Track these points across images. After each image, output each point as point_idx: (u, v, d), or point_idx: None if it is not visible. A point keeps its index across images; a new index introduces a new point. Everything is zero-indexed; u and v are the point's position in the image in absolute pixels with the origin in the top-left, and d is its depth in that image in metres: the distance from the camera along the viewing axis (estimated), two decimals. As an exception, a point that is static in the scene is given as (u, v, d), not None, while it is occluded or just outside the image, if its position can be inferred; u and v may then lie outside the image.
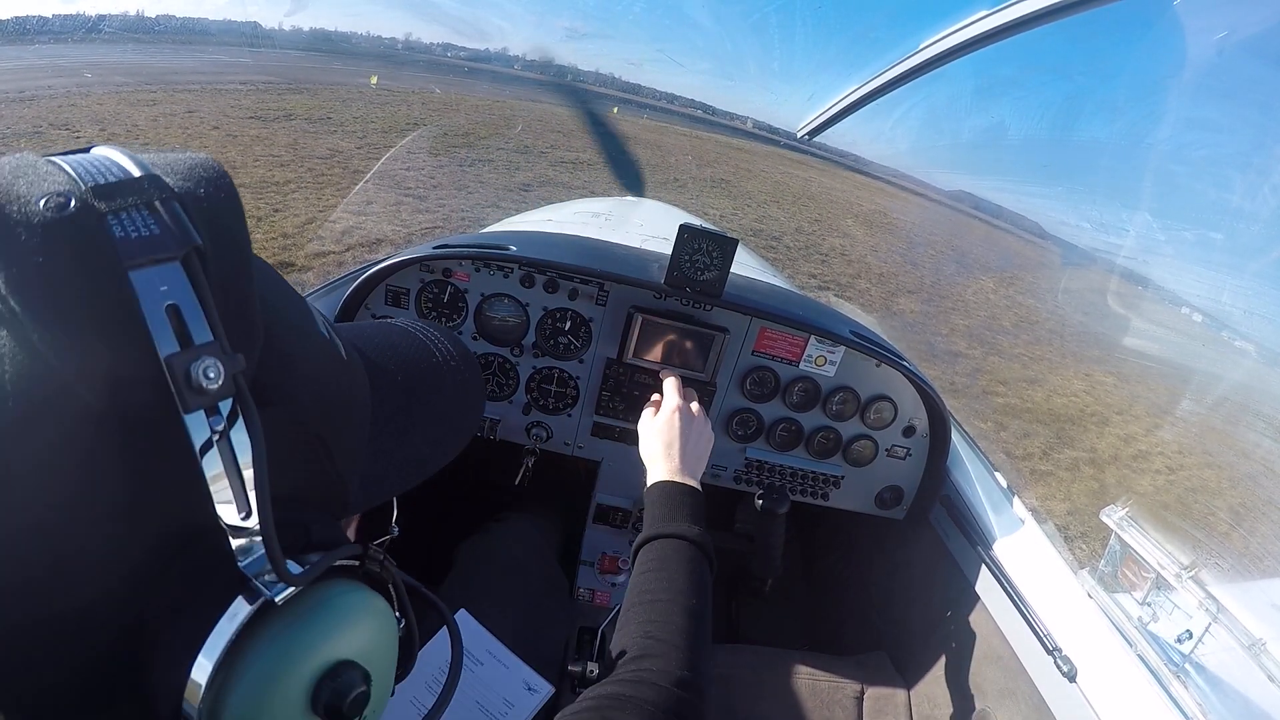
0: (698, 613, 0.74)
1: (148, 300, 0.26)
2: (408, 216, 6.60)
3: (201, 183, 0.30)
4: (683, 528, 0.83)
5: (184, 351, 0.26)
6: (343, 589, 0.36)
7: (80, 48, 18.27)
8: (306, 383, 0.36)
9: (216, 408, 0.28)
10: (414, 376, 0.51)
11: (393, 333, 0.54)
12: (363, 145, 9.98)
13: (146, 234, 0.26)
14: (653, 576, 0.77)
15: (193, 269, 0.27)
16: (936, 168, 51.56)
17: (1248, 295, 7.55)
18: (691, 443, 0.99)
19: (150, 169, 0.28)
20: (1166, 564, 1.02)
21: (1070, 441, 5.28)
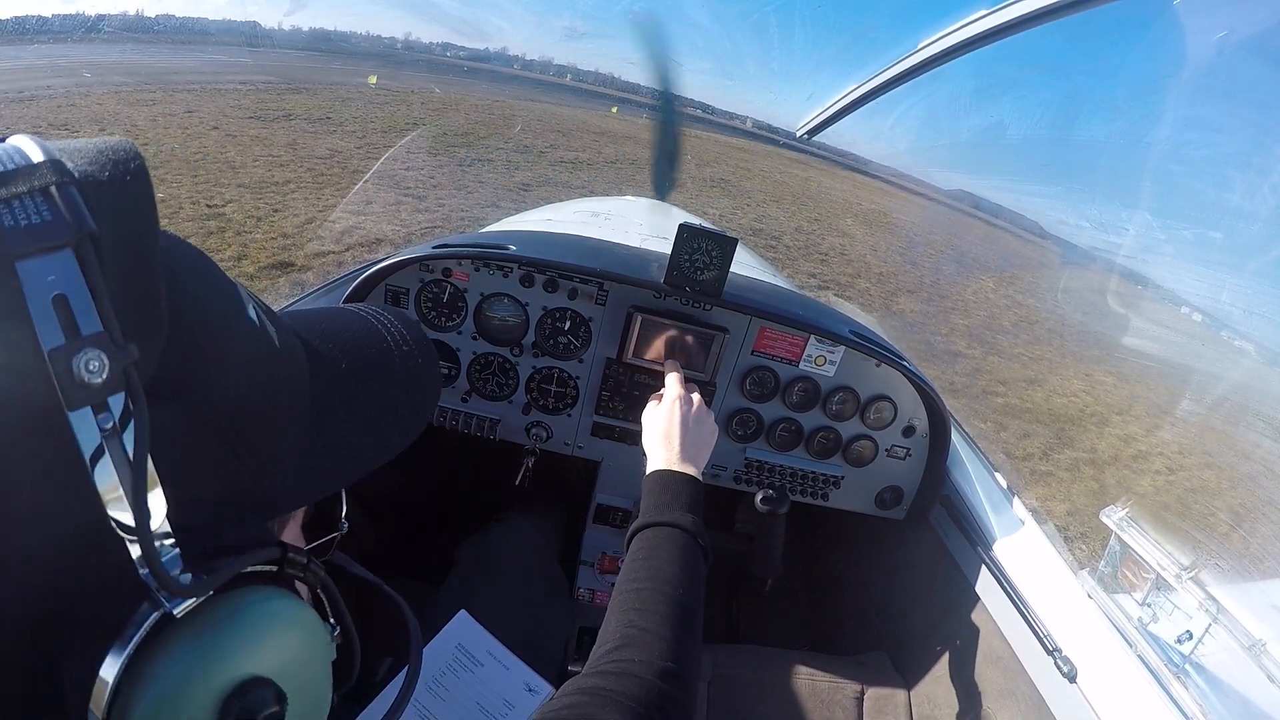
0: (685, 602, 0.71)
1: (33, 291, 0.24)
2: (407, 216, 6.60)
3: (106, 166, 0.29)
4: (676, 516, 0.81)
5: (68, 343, 0.25)
6: (257, 598, 0.33)
7: (79, 47, 18.26)
8: (223, 374, 0.34)
9: (106, 404, 0.26)
10: (359, 363, 0.48)
11: (343, 317, 0.52)
12: (362, 145, 9.98)
13: (37, 221, 0.25)
14: (641, 565, 0.76)
15: (85, 257, 0.25)
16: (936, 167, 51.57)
17: (1248, 295, 7.55)
18: (691, 432, 0.97)
19: (53, 154, 0.27)
20: (1166, 565, 1.02)
21: (1070, 442, 5.28)
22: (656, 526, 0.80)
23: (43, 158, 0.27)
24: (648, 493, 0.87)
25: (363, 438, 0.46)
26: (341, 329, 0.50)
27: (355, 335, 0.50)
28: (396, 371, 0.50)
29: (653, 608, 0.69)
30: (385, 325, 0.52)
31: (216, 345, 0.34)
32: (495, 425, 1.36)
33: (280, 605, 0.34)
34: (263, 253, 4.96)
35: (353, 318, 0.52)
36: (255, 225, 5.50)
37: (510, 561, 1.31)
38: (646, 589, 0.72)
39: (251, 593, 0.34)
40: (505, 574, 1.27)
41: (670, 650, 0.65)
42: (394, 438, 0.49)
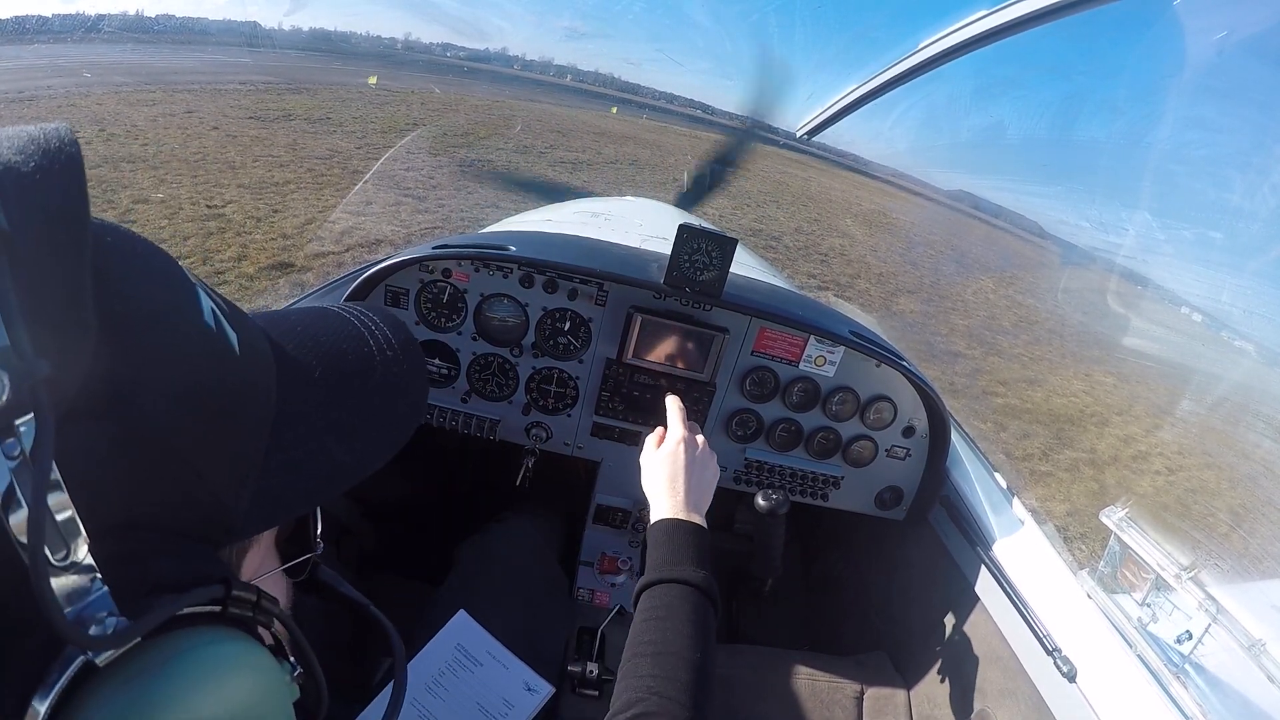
0: (701, 665, 0.71)
1: None
2: (407, 217, 6.60)
3: (32, 155, 0.26)
4: (687, 572, 0.79)
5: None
6: (196, 642, 0.30)
7: (80, 47, 18.26)
8: (163, 385, 0.31)
9: (13, 427, 0.23)
10: (336, 371, 0.44)
11: (323, 319, 0.48)
12: (362, 145, 9.99)
13: None
14: (655, 625, 0.74)
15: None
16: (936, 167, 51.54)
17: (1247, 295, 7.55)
18: (695, 477, 0.95)
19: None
20: (1166, 565, 1.02)
21: (1070, 442, 5.28)
22: (668, 584, 0.78)
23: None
24: (655, 544, 0.85)
25: (337, 451, 0.42)
26: (320, 332, 0.46)
27: (334, 339, 0.46)
28: (378, 378, 0.46)
29: (671, 674, 0.69)
30: (369, 328, 0.48)
31: (157, 352, 0.31)
32: (495, 426, 1.36)
33: (223, 650, 0.31)
34: (262, 253, 4.96)
35: (334, 320, 0.48)
36: (255, 226, 5.50)
37: (510, 561, 1.31)
38: (664, 653, 0.71)
39: (189, 636, 0.30)
40: (505, 574, 1.27)
41: (688, 716, 0.65)
42: (373, 451, 0.45)
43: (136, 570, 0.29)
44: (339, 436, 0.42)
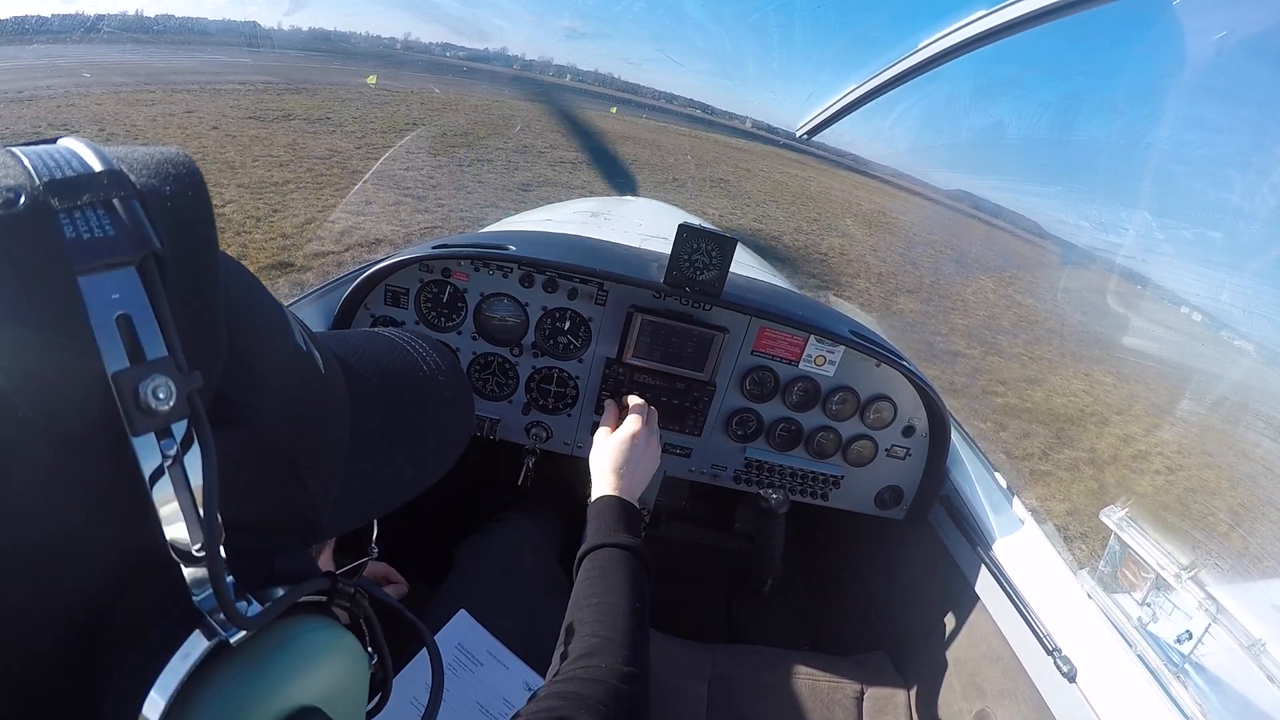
0: (637, 611, 0.80)
1: (97, 309, 0.23)
2: (407, 216, 6.60)
3: (167, 179, 0.28)
4: (624, 538, 0.89)
5: (133, 368, 0.24)
6: (307, 628, 0.33)
7: (79, 48, 18.26)
8: (276, 399, 0.34)
9: (169, 430, 0.25)
10: (398, 391, 0.48)
11: (378, 342, 0.51)
12: (361, 145, 9.98)
13: (100, 235, 0.24)
14: (598, 581, 0.84)
15: (149, 276, 0.25)
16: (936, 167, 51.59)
17: (1247, 294, 7.55)
18: (640, 468, 1.06)
19: (113, 163, 0.26)
20: (1166, 564, 1.02)
21: (1070, 441, 5.28)
22: (608, 548, 0.88)
23: (101, 166, 0.26)
24: (595, 516, 0.95)
25: (401, 465, 0.45)
26: (379, 354, 0.49)
27: (392, 362, 0.49)
28: (432, 399, 0.50)
29: (612, 619, 0.78)
30: (421, 353, 0.52)
31: (269, 369, 0.34)
32: (495, 425, 1.36)
33: (328, 635, 0.34)
34: (262, 253, 4.96)
35: (388, 344, 0.51)
36: (255, 225, 5.50)
37: (510, 561, 1.31)
38: (605, 603, 0.80)
39: (300, 623, 0.33)
40: (505, 574, 1.27)
41: (631, 655, 0.74)
42: (430, 466, 0.48)
43: (255, 563, 0.32)
44: (403, 450, 0.46)
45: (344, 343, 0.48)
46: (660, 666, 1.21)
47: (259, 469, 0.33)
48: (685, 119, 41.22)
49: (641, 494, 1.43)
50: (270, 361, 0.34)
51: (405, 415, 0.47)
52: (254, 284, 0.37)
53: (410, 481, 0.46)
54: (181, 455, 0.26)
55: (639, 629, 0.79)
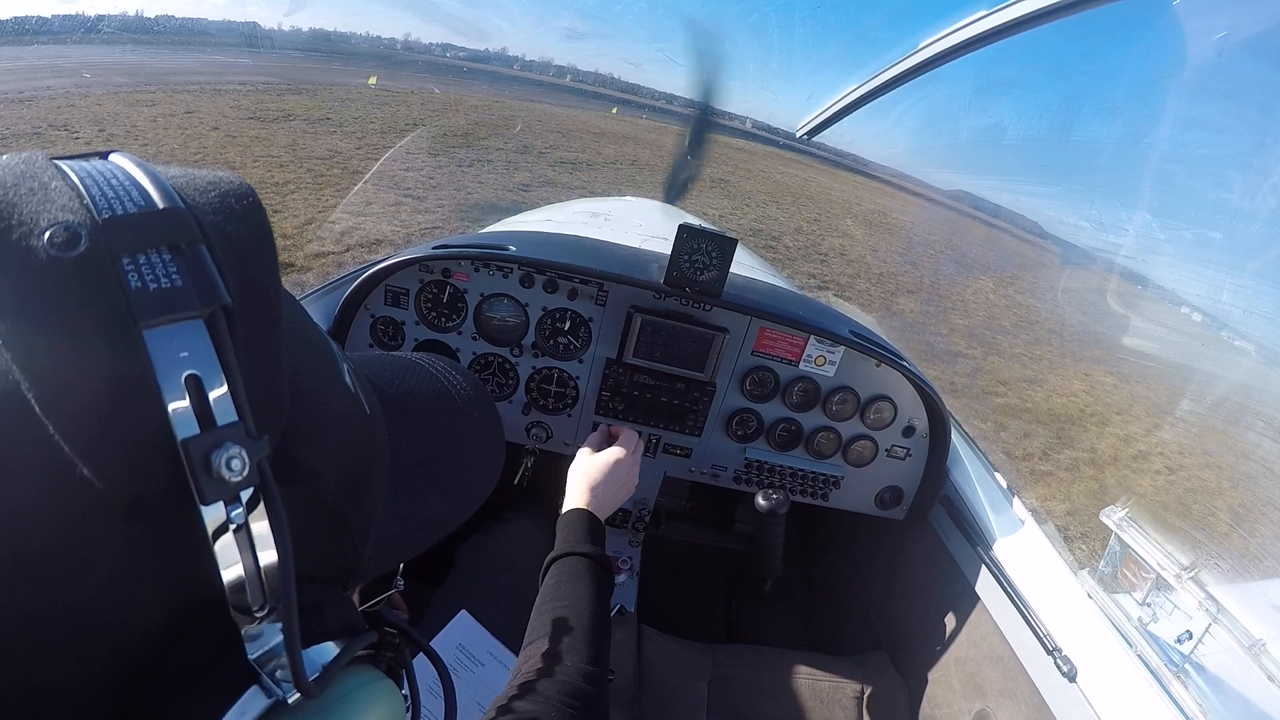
0: (600, 615, 0.84)
1: (164, 368, 0.22)
2: (407, 217, 6.60)
3: (232, 218, 0.26)
4: (589, 549, 0.92)
5: (204, 435, 0.22)
6: (357, 682, 0.32)
7: (79, 48, 18.27)
8: (331, 453, 0.32)
9: (238, 496, 0.24)
10: (434, 428, 0.46)
11: (414, 373, 0.49)
12: (362, 146, 9.98)
13: (168, 285, 0.22)
14: (566, 585, 0.87)
15: (218, 331, 0.23)
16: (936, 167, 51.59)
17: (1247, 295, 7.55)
18: (614, 491, 1.08)
19: (176, 199, 0.24)
20: (1166, 564, 1.02)
21: (1070, 442, 5.28)
22: (574, 556, 0.91)
23: (164, 203, 0.24)
24: (564, 526, 0.98)
25: (436, 506, 0.44)
26: (415, 387, 0.47)
27: (428, 394, 0.48)
28: (465, 436, 0.48)
29: (575, 622, 0.81)
30: (454, 385, 0.50)
31: (325, 422, 0.32)
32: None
33: (377, 689, 0.33)
34: (262, 253, 4.96)
35: (424, 375, 0.49)
36: (255, 226, 5.49)
37: (510, 562, 1.31)
38: (569, 607, 0.83)
39: (350, 677, 0.32)
40: (505, 574, 1.27)
41: (593, 656, 0.77)
42: (463, 505, 0.47)
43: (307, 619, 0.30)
44: (438, 489, 0.44)
45: (380, 370, 0.47)
46: (660, 666, 1.21)
47: (310, 522, 0.31)
48: (686, 119, 41.18)
49: (641, 494, 1.44)
50: (326, 412, 0.33)
51: (441, 454, 0.46)
52: (306, 321, 0.35)
53: (444, 522, 0.45)
54: (248, 520, 0.25)
55: (601, 632, 0.82)
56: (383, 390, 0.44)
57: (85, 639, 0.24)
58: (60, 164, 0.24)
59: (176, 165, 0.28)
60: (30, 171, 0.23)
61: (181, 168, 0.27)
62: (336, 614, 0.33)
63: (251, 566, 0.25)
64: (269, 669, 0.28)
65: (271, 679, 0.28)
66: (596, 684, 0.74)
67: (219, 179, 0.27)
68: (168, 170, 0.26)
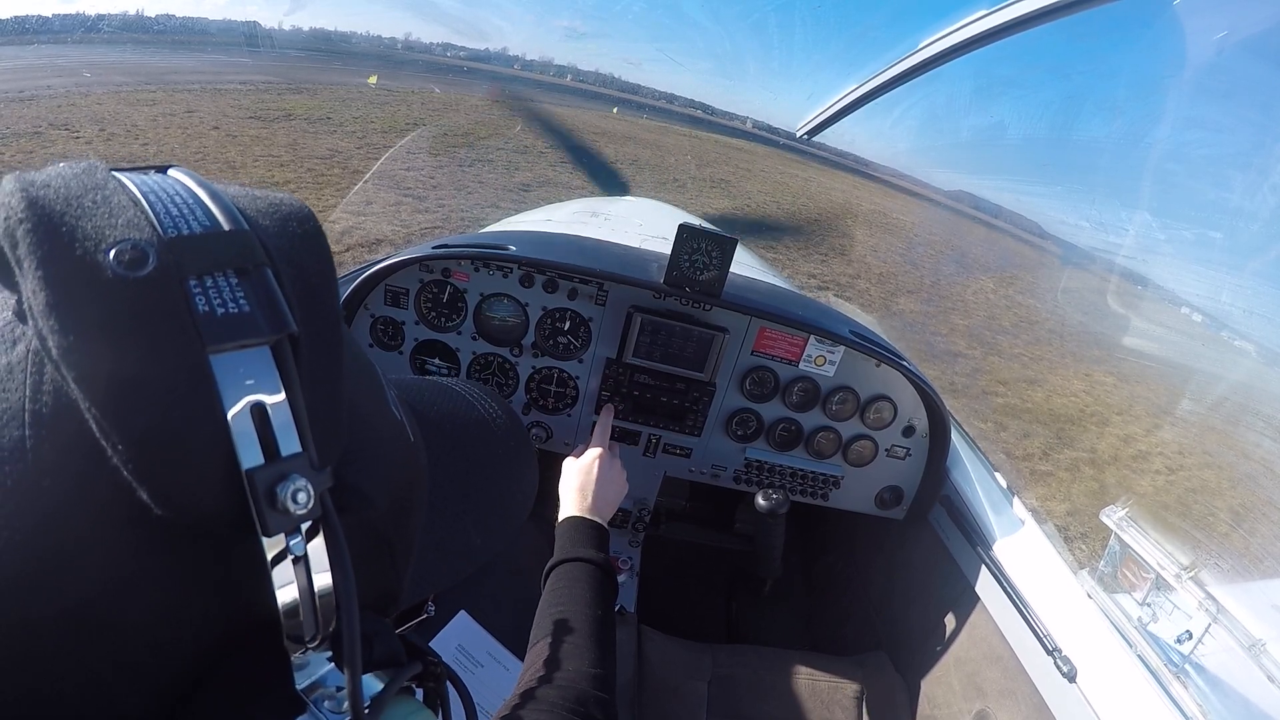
0: (603, 620, 0.83)
1: (230, 395, 0.21)
2: (407, 217, 6.60)
3: (295, 242, 0.25)
4: (589, 554, 0.92)
5: (269, 466, 0.22)
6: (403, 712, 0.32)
7: (80, 47, 18.27)
8: (382, 481, 0.32)
9: (299, 527, 0.24)
10: (470, 455, 0.46)
11: (451, 398, 0.49)
12: (362, 145, 9.98)
13: (235, 311, 0.22)
14: (564, 592, 0.86)
15: (284, 359, 0.23)
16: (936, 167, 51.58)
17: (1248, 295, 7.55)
18: (606, 489, 1.07)
19: (241, 221, 0.24)
20: (1166, 564, 1.02)
21: (1070, 442, 5.27)
22: (574, 562, 0.91)
23: (229, 225, 0.23)
24: (562, 534, 0.98)
25: (470, 535, 0.43)
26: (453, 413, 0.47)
27: (465, 420, 0.47)
28: (501, 464, 0.48)
29: (578, 627, 0.80)
30: (490, 413, 0.50)
31: (377, 450, 0.32)
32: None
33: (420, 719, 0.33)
34: (263, 253, 4.96)
35: (461, 402, 0.49)
36: (255, 225, 5.49)
37: (510, 563, 1.31)
38: (571, 612, 0.82)
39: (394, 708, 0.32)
40: (505, 575, 1.27)
41: (597, 659, 0.77)
42: (498, 534, 0.46)
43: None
44: (474, 519, 0.44)
45: (419, 396, 0.46)
46: (660, 666, 1.21)
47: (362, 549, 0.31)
48: (686, 119, 41.24)
49: (641, 494, 1.44)
50: (377, 439, 0.32)
51: (476, 483, 0.45)
52: (356, 347, 0.34)
53: (479, 551, 0.44)
54: (306, 550, 0.25)
55: (605, 634, 0.81)
56: (422, 415, 0.43)
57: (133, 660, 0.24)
58: (120, 177, 0.24)
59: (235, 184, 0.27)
60: (93, 183, 0.22)
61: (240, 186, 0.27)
62: (383, 644, 0.32)
63: (308, 595, 0.25)
64: (314, 698, 0.27)
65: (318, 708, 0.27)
66: (602, 686, 0.73)
67: (280, 201, 0.27)
68: (227, 189, 0.26)
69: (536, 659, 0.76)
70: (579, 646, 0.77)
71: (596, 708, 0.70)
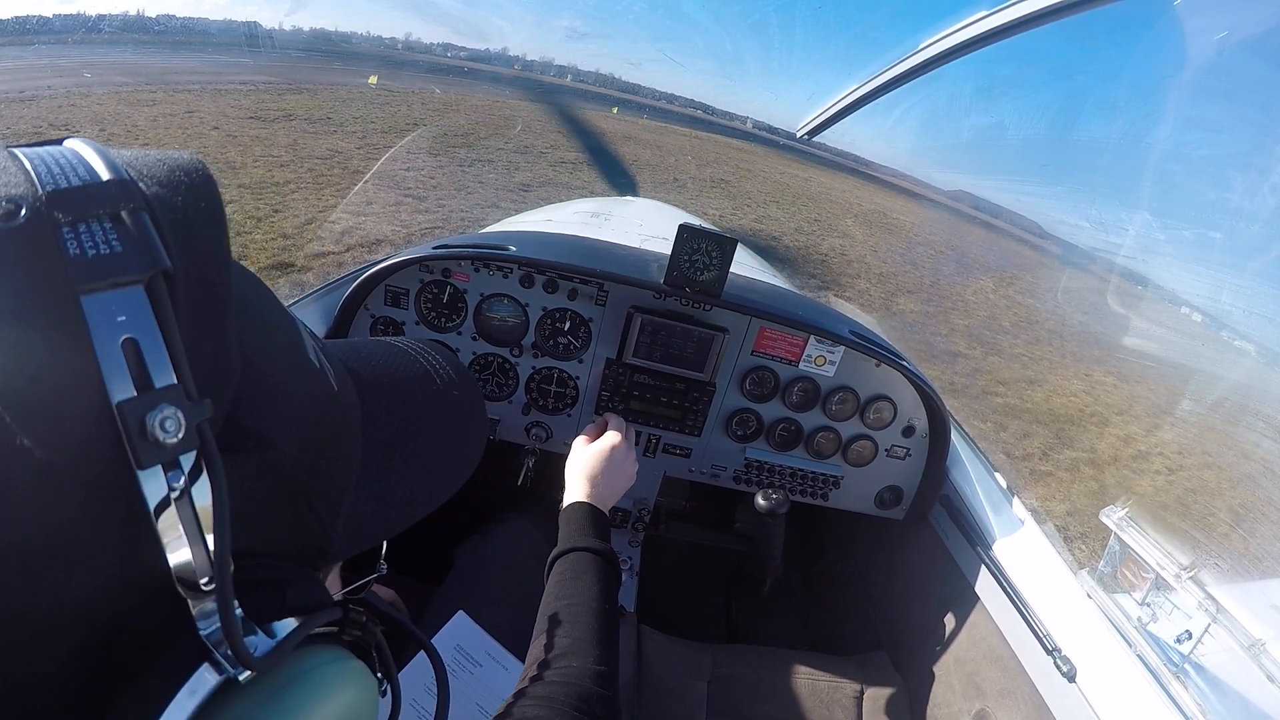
0: (608, 614, 0.82)
1: (101, 332, 0.22)
2: (407, 217, 6.60)
3: (179, 189, 0.26)
4: (594, 543, 0.91)
5: (140, 397, 0.22)
6: (319, 660, 0.32)
7: (80, 48, 18.28)
8: (289, 423, 0.32)
9: (177, 461, 0.24)
10: (411, 407, 0.46)
11: (390, 354, 0.49)
12: (362, 145, 9.98)
13: (106, 252, 0.22)
14: (569, 583, 0.85)
15: (158, 295, 0.23)
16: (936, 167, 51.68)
17: (1248, 295, 7.55)
18: (614, 480, 1.07)
19: (122, 171, 0.24)
20: (1166, 564, 1.02)
21: (1070, 442, 5.27)
22: (579, 551, 0.90)
23: (109, 174, 0.24)
24: (567, 522, 0.96)
25: (413, 485, 0.44)
26: (391, 367, 0.47)
27: (405, 375, 0.48)
28: (446, 415, 0.48)
29: (583, 620, 0.79)
30: (434, 365, 0.50)
31: (283, 390, 0.32)
32: (495, 425, 1.36)
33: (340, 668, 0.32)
34: (263, 253, 4.96)
35: (400, 355, 0.50)
36: (255, 226, 5.50)
37: (510, 562, 1.31)
38: (576, 605, 0.81)
39: (312, 655, 0.31)
40: (505, 574, 1.27)
41: (601, 655, 0.76)
42: (443, 484, 0.47)
43: (266, 595, 0.30)
44: (414, 469, 0.44)
45: (356, 354, 0.46)
46: (660, 666, 1.21)
47: (269, 496, 0.31)
48: (686, 119, 41.23)
49: (641, 494, 1.44)
50: (284, 381, 0.32)
51: (418, 433, 0.45)
52: (268, 296, 0.35)
53: (422, 501, 0.44)
54: (189, 487, 0.25)
55: (609, 629, 0.80)
56: (357, 371, 0.44)
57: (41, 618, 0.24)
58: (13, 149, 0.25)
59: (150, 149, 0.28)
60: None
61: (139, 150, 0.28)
62: (300, 592, 0.32)
63: (194, 536, 0.25)
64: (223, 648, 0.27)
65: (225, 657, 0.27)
66: (606, 684, 0.72)
67: (171, 156, 0.27)
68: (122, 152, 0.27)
69: (539, 654, 0.75)
70: (583, 642, 0.76)
71: (600, 705, 0.69)
